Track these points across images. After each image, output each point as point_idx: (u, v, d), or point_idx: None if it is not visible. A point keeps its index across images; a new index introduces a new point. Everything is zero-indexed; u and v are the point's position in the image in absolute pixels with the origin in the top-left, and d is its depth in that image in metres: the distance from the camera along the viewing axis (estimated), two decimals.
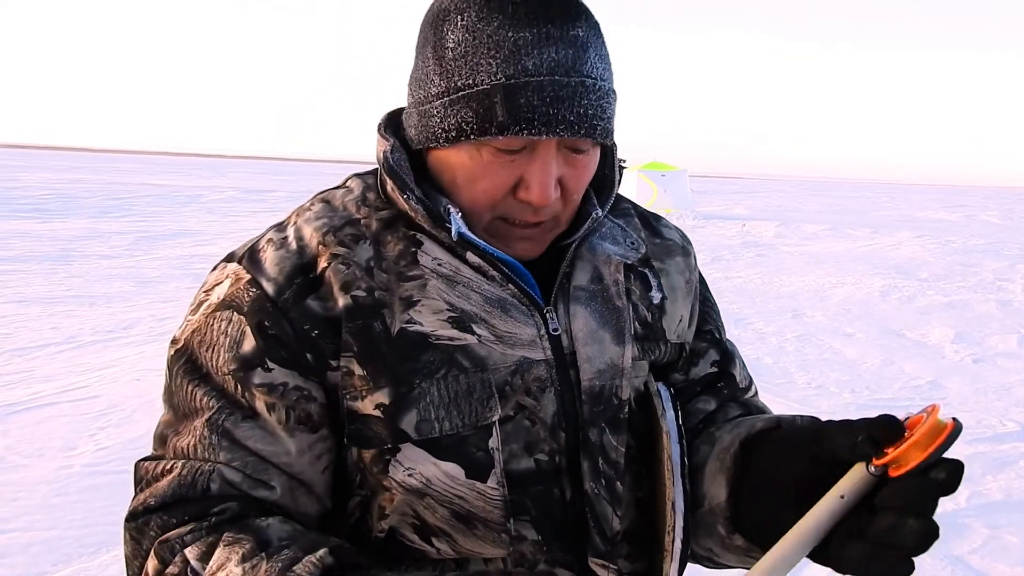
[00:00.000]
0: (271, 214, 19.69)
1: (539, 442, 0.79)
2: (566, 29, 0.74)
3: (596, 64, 0.76)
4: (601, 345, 0.82)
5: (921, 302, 9.26)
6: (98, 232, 13.59)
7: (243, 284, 0.79)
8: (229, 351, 0.77)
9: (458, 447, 0.76)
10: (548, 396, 0.79)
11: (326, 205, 0.85)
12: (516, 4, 0.75)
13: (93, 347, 5.76)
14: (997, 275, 11.92)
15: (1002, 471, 3.93)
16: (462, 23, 0.75)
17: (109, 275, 9.13)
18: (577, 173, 0.79)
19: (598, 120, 0.75)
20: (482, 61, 0.74)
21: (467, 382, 0.77)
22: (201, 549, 0.70)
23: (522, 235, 0.81)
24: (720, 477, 0.77)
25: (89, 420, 4.18)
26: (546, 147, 0.75)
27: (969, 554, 3.09)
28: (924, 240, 17.83)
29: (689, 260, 0.97)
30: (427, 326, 0.77)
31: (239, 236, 13.98)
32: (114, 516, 3.11)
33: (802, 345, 6.68)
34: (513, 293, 0.80)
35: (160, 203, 21.60)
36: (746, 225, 20.59)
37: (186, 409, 0.78)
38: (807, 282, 10.52)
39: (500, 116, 0.73)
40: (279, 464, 0.77)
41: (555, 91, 0.72)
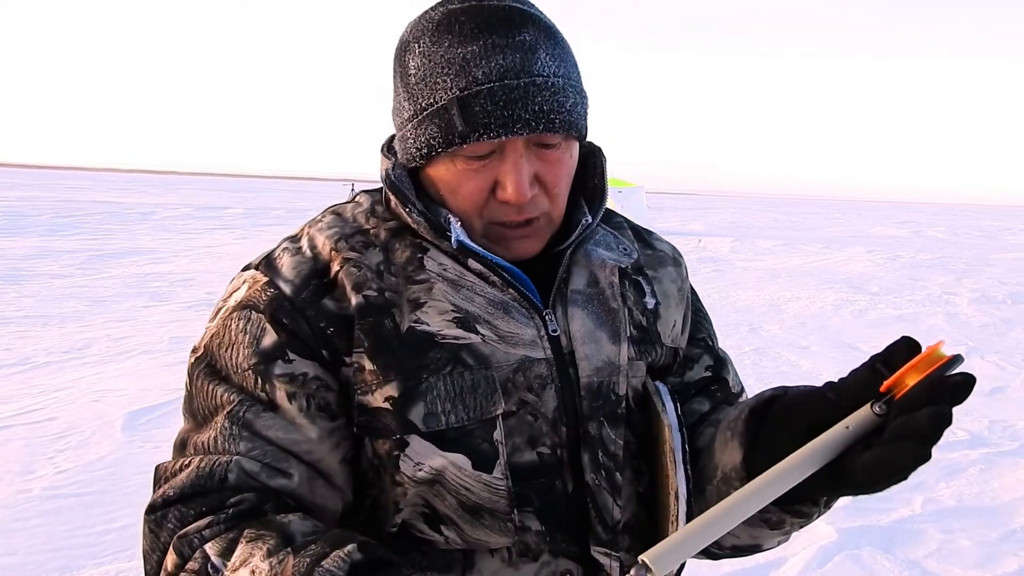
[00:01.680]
0: (228, 231, 19.44)
1: (541, 436, 0.82)
2: (511, 37, 0.80)
3: (547, 63, 0.81)
4: (598, 344, 0.86)
5: (873, 315, 9.51)
6: (49, 250, 13.28)
7: (260, 286, 0.83)
8: (249, 347, 0.81)
9: (464, 439, 0.79)
10: (549, 392, 0.83)
11: (337, 217, 0.89)
12: (462, 23, 0.80)
13: (48, 368, 5.63)
14: (944, 289, 12.29)
15: (954, 478, 4.06)
16: (419, 50, 0.82)
17: (62, 294, 8.93)
18: (551, 168, 0.83)
19: (555, 114, 0.79)
20: (439, 80, 0.80)
21: (472, 379, 0.80)
22: (222, 545, 0.71)
23: (517, 235, 0.84)
24: (732, 443, 0.79)
25: (47, 443, 4.08)
26: (512, 147, 0.80)
27: (925, 558, 3.19)
28: (874, 255, 18.30)
29: (680, 270, 1.01)
30: (433, 326, 0.81)
31: (196, 254, 13.78)
32: (76, 540, 3.06)
33: (759, 358, 6.81)
34: (514, 297, 0.84)
35: (112, 220, 21.19)
36: (702, 241, 20.91)
37: (207, 411, 0.81)
38: (762, 297, 10.72)
39: (459, 126, 0.78)
40: (298, 452, 0.79)
41: (506, 94, 0.78)
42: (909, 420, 0.61)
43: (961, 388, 0.61)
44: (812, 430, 0.67)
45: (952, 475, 4.10)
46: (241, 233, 19.03)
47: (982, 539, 3.36)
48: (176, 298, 8.99)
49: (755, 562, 3.09)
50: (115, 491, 3.51)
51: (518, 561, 0.82)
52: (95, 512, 3.30)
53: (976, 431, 4.90)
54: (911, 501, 3.73)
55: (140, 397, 4.89)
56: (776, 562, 3.10)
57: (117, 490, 3.53)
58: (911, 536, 3.37)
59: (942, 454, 4.41)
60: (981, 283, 13.27)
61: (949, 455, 4.40)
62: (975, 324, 9.09)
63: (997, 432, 4.91)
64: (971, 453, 4.44)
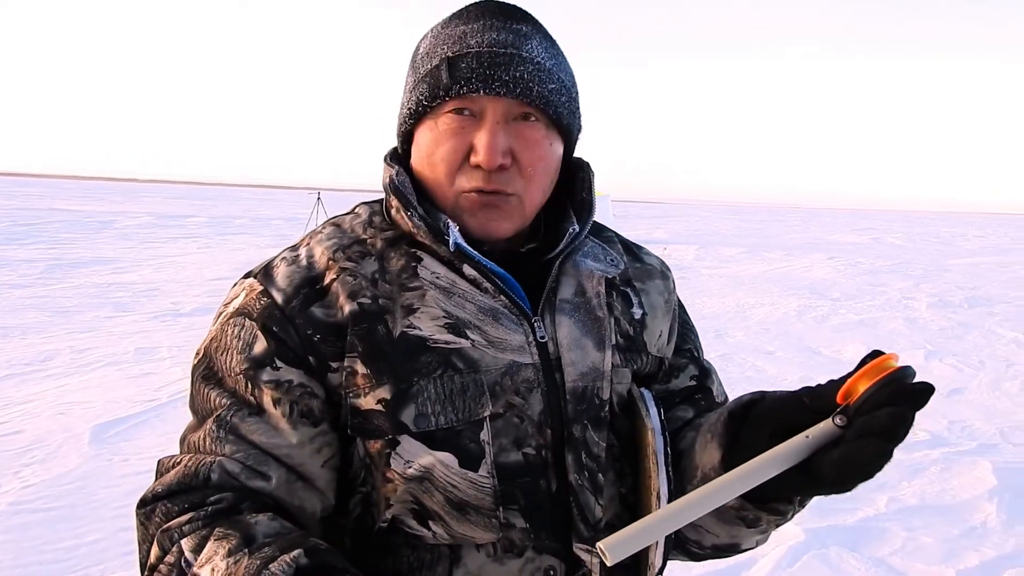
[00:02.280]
0: (191, 240, 19.19)
1: (527, 437, 0.86)
2: (509, 23, 0.89)
3: (537, 49, 0.88)
4: (584, 351, 0.89)
5: (835, 321, 9.70)
6: (6, 260, 12.99)
7: (256, 295, 0.88)
8: (241, 352, 0.85)
9: (452, 439, 0.83)
10: (535, 396, 0.86)
11: (336, 228, 0.94)
12: (469, 11, 0.91)
13: (10, 381, 5.52)
14: (903, 294, 12.58)
15: (916, 477, 4.18)
16: (431, 34, 0.92)
17: (22, 305, 8.74)
18: (527, 145, 0.87)
19: (535, 85, 0.85)
20: (438, 50, 0.88)
21: (461, 382, 0.84)
22: (195, 541, 0.76)
23: (486, 206, 0.87)
24: (712, 444, 0.82)
25: (12, 457, 4.01)
26: (492, 112, 0.85)
27: (890, 555, 3.27)
28: (835, 262, 18.65)
29: (668, 283, 1.05)
30: (425, 331, 0.85)
31: (159, 263, 13.59)
32: (44, 555, 3.02)
33: (725, 364, 6.92)
34: (504, 304, 0.88)
35: (72, 229, 20.79)
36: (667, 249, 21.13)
37: (203, 411, 0.86)
38: (727, 303, 10.88)
39: (445, 80, 0.85)
40: (279, 456, 0.83)
41: (492, 58, 0.85)
42: (871, 419, 0.65)
43: (922, 394, 0.66)
44: (788, 433, 0.71)
45: (914, 475, 4.21)
46: (205, 242, 18.79)
47: (944, 536, 3.46)
48: (140, 308, 8.86)
49: (726, 563, 3.15)
50: (83, 505, 3.46)
51: (503, 556, 0.85)
52: (63, 527, 3.25)
53: (936, 431, 5.04)
54: (875, 501, 3.82)
55: (107, 409, 4.82)
56: (746, 563, 3.16)
57: (85, 504, 3.47)
58: (876, 535, 3.46)
59: (905, 454, 4.53)
60: (939, 288, 13.61)
61: (911, 455, 4.52)
62: (933, 328, 9.32)
63: (956, 432, 5.05)
64: (932, 453, 4.57)
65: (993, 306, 11.35)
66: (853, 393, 0.68)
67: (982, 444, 4.79)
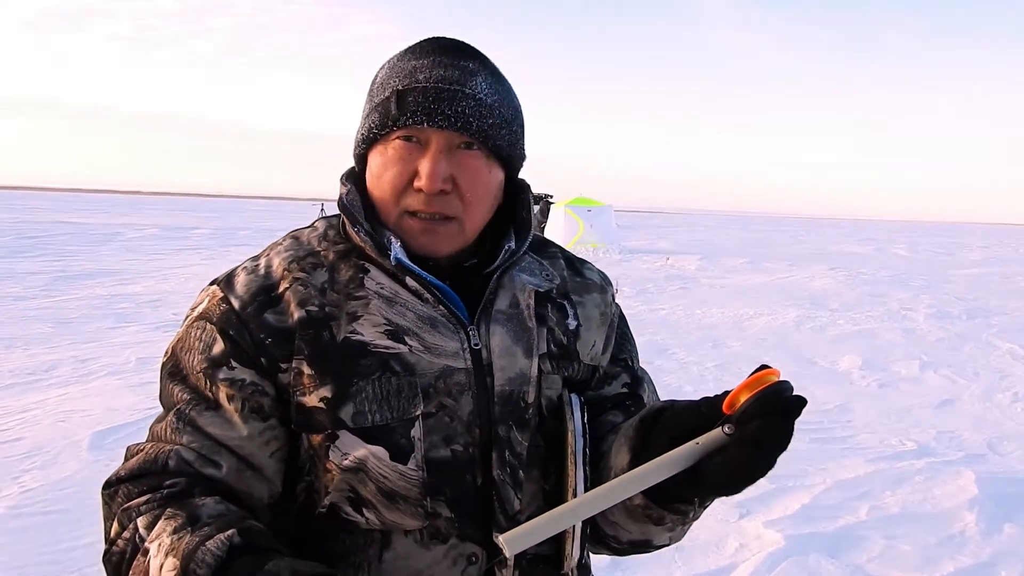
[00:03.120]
0: (196, 252, 19.34)
1: (456, 436, 0.94)
2: (457, 60, 0.97)
3: (482, 86, 0.96)
4: (513, 358, 0.98)
5: (832, 331, 9.76)
6: (12, 272, 13.14)
7: (216, 300, 0.97)
8: (202, 353, 0.94)
9: (386, 435, 0.91)
10: (466, 398, 0.95)
11: (294, 240, 1.03)
12: (422, 47, 0.99)
13: (13, 389, 5.63)
14: (902, 305, 12.61)
15: (900, 486, 4.23)
16: (387, 66, 1.00)
17: (26, 316, 8.87)
18: (467, 173, 0.95)
19: (474, 120, 0.93)
20: (390, 82, 0.96)
21: (397, 383, 0.92)
22: (149, 519, 0.84)
23: (426, 229, 0.96)
24: (624, 447, 0.89)
25: (12, 463, 4.11)
26: (435, 142, 0.94)
27: (867, 562, 3.33)
28: (836, 272, 18.68)
29: (606, 297, 1.12)
30: (367, 336, 0.93)
31: (163, 275, 13.71)
32: (42, 557, 3.10)
33: (721, 373, 6.98)
34: (443, 313, 0.96)
35: (76, 242, 20.97)
36: (670, 259, 21.19)
37: (167, 404, 0.95)
38: (727, 313, 10.94)
39: (393, 111, 0.94)
40: (231, 447, 0.92)
41: (437, 94, 0.93)
42: (745, 429, 0.74)
43: (792, 405, 0.73)
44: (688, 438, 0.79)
45: (898, 484, 4.27)
46: (209, 254, 18.94)
47: (923, 543, 3.52)
48: (143, 319, 8.97)
49: (706, 567, 3.23)
50: (81, 509, 3.55)
51: (429, 543, 0.93)
52: (61, 530, 3.34)
53: (923, 441, 5.10)
54: (857, 509, 3.89)
55: (107, 417, 4.92)
56: (726, 568, 3.23)
57: (83, 508, 3.56)
58: (855, 542, 3.52)
59: (889, 464, 4.60)
60: (939, 299, 13.63)
61: (896, 464, 4.58)
62: (930, 339, 9.37)
63: (944, 442, 5.11)
64: (917, 463, 4.62)
65: (992, 317, 11.38)
66: (735, 404, 0.76)
67: (969, 455, 4.85)
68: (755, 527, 3.63)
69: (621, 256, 21.34)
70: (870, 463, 4.60)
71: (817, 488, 4.15)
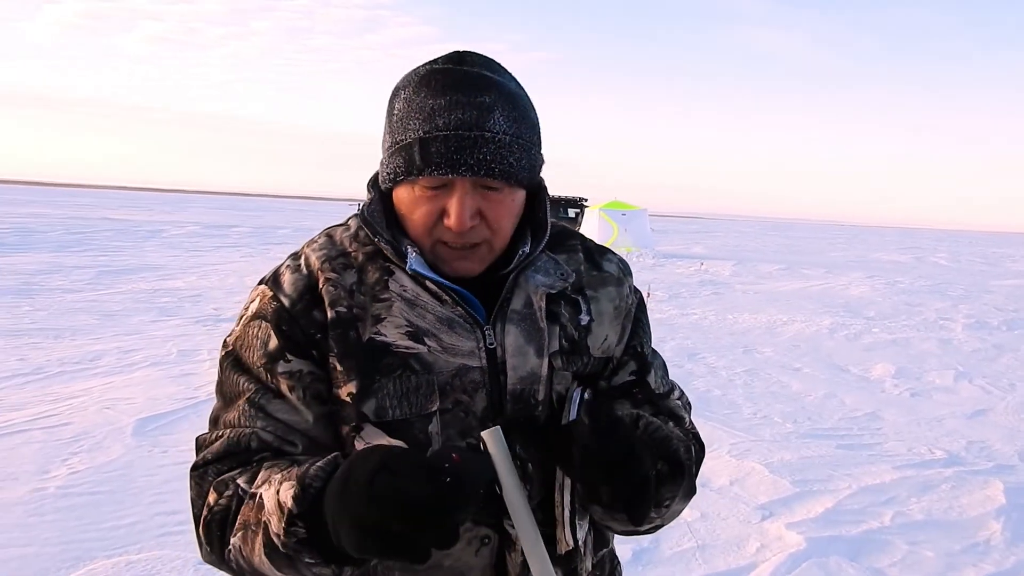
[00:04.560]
0: (235, 249, 19.71)
1: (471, 430, 1.01)
2: (473, 96, 0.98)
3: (500, 122, 0.98)
4: (525, 358, 1.04)
5: (866, 339, 9.67)
6: (59, 266, 13.54)
7: (267, 299, 1.05)
8: (260, 349, 1.02)
9: (405, 429, 0.99)
10: (480, 395, 1.02)
11: (328, 239, 1.10)
12: (437, 79, 0.99)
13: (60, 378, 5.85)
14: (940, 315, 12.44)
15: (926, 494, 4.23)
16: (403, 96, 1.01)
17: (73, 308, 9.16)
18: (493, 207, 1.01)
19: (496, 164, 0.97)
20: (410, 123, 0.98)
21: (416, 381, 1.00)
22: (247, 476, 0.94)
23: (458, 255, 1.03)
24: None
25: (61, 446, 4.30)
26: (460, 185, 0.98)
27: (889, 567, 3.35)
28: (874, 280, 18.45)
29: (622, 289, 1.16)
30: (389, 337, 1.01)
31: (203, 271, 14.03)
32: (88, 534, 3.26)
33: (750, 379, 6.98)
34: (460, 314, 1.03)
35: (121, 238, 21.49)
36: (704, 264, 21.09)
37: (232, 394, 1.04)
38: (759, 320, 10.89)
39: (418, 161, 0.97)
40: (301, 430, 1.01)
41: (458, 142, 0.96)
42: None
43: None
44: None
45: (924, 491, 4.27)
46: (248, 251, 19.29)
47: (946, 550, 3.53)
48: (184, 313, 9.22)
49: (727, 566, 3.28)
50: (124, 491, 3.72)
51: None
52: (106, 509, 3.51)
53: (953, 450, 5.08)
54: (881, 514, 3.90)
55: (149, 405, 5.11)
56: (746, 567, 3.28)
57: (126, 490, 3.73)
58: (878, 546, 3.54)
59: (916, 471, 4.59)
60: (977, 309, 13.43)
61: (923, 472, 4.57)
62: (966, 349, 9.25)
63: (974, 452, 5.08)
64: (945, 471, 4.61)
65: None
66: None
67: (998, 465, 4.82)
68: (777, 528, 3.67)
69: (655, 260, 21.29)
70: (897, 470, 4.59)
71: (842, 493, 4.17)
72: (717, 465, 4.48)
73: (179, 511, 3.49)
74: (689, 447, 1.05)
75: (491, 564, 1.04)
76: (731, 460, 4.61)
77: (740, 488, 4.20)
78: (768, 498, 4.06)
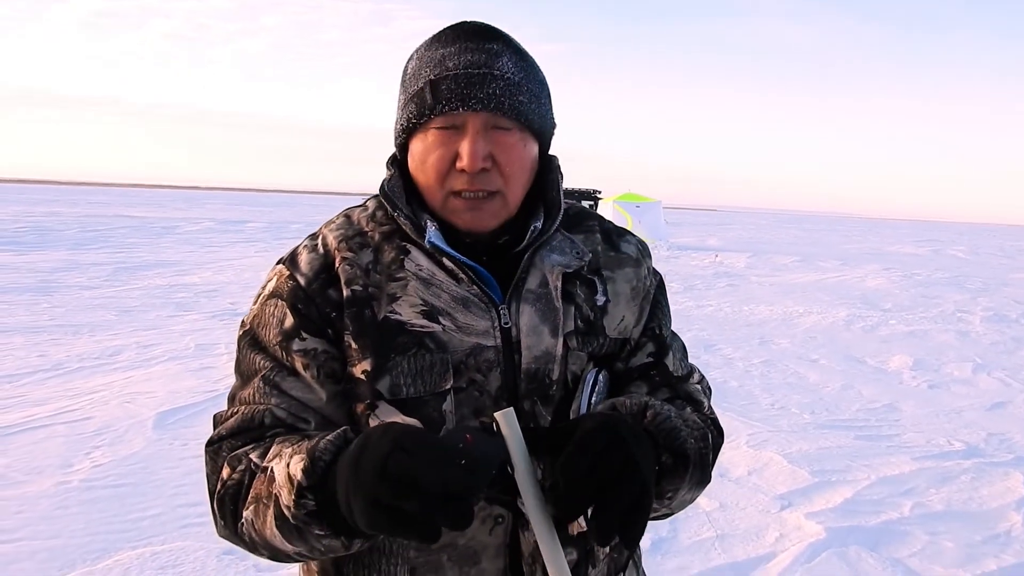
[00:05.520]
0: (250, 244, 19.81)
1: (485, 408, 1.01)
2: (482, 44, 1.02)
3: (508, 66, 1.02)
4: (540, 337, 1.04)
5: (883, 331, 9.62)
6: (76, 263, 13.66)
7: (284, 279, 1.05)
8: (276, 328, 1.03)
9: (420, 407, 1.00)
10: (494, 374, 1.02)
11: (346, 219, 1.11)
12: (447, 34, 1.04)
13: (80, 373, 5.91)
14: (958, 307, 12.35)
15: (945, 485, 4.21)
16: (416, 56, 1.06)
17: (91, 305, 9.25)
18: (505, 150, 1.01)
19: (506, 99, 1.00)
20: (422, 72, 1.02)
21: (430, 360, 1.00)
22: (260, 451, 0.95)
23: (471, 206, 1.02)
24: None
25: (83, 440, 4.35)
26: (472, 125, 0.99)
27: (908, 557, 3.35)
28: (891, 273, 18.32)
29: (640, 270, 1.16)
30: (404, 316, 1.01)
31: (219, 266, 14.12)
32: (113, 526, 3.30)
33: (767, 370, 6.97)
34: (475, 293, 1.03)
35: (136, 235, 21.64)
36: (719, 256, 21.01)
37: (248, 372, 1.05)
38: (775, 311, 10.86)
39: (429, 100, 1.00)
40: (314, 407, 1.01)
41: (468, 79, 0.99)
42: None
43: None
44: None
45: (944, 482, 4.25)
46: (263, 246, 19.39)
47: (966, 541, 3.51)
48: (200, 308, 9.29)
49: (746, 555, 3.28)
50: (147, 483, 3.77)
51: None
52: (130, 501, 3.55)
53: (972, 442, 5.05)
54: (900, 505, 3.89)
55: (169, 399, 5.16)
56: (766, 557, 3.28)
57: (149, 482, 3.78)
58: (897, 536, 3.53)
59: (935, 463, 4.57)
60: (996, 302, 13.31)
61: (943, 464, 4.55)
62: (985, 342, 9.18)
63: (994, 444, 5.05)
64: (964, 463, 4.59)
65: None
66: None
67: (1019, 456, 4.79)
68: (796, 518, 3.67)
69: (669, 252, 21.23)
70: (916, 461, 4.58)
71: (861, 483, 4.16)
72: (735, 455, 4.47)
73: (200, 503, 3.52)
74: (705, 435, 1.04)
75: (505, 543, 1.04)
76: (749, 450, 4.60)
77: (758, 478, 4.19)
78: (787, 488, 4.06)
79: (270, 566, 3.00)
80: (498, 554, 1.04)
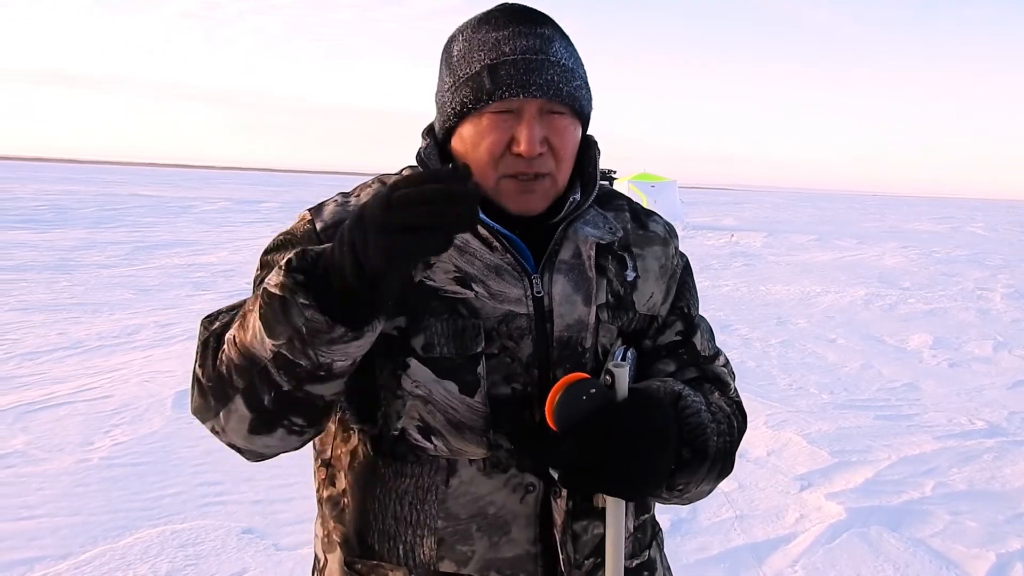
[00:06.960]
0: (265, 224, 19.87)
1: (516, 375, 1.02)
2: (534, 28, 1.03)
3: (560, 51, 1.03)
4: (573, 306, 1.05)
5: (903, 310, 9.54)
6: (95, 242, 13.77)
7: (305, 222, 1.07)
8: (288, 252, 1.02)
9: (455, 370, 1.00)
10: (526, 342, 1.02)
11: (381, 184, 1.12)
12: (496, 16, 1.04)
13: (100, 351, 5.96)
14: (978, 284, 12.23)
15: (967, 464, 4.17)
16: (463, 37, 1.05)
17: (109, 283, 9.32)
18: (559, 134, 1.02)
19: (563, 85, 1.01)
20: (475, 55, 1.02)
21: (463, 324, 1.00)
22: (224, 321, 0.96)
23: (524, 188, 1.03)
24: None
25: (103, 418, 4.38)
26: (529, 109, 1.00)
27: (930, 537, 3.32)
28: (908, 251, 18.16)
29: (668, 249, 1.17)
30: (438, 282, 1.01)
31: (235, 246, 14.17)
32: (134, 503, 3.33)
33: (785, 350, 6.92)
34: (509, 261, 1.03)
35: (153, 214, 21.77)
36: (735, 235, 20.88)
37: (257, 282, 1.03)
38: (792, 291, 10.78)
39: (488, 86, 0.99)
40: None
41: (526, 65, 0.99)
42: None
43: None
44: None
45: (965, 461, 4.21)
46: (279, 226, 19.29)
47: (988, 520, 3.48)
48: (218, 288, 9.33)
49: (766, 536, 3.26)
50: (166, 461, 3.79)
51: (491, 471, 1.02)
52: (149, 479, 3.58)
53: (994, 421, 5.00)
54: (922, 485, 3.85)
55: (188, 378, 5.15)
56: (787, 537, 3.26)
57: (168, 460, 3.80)
58: (919, 516, 3.50)
59: (957, 442, 4.53)
60: (1017, 279, 13.18)
61: (965, 443, 4.51)
62: (1006, 319, 9.10)
63: (1016, 423, 4.99)
64: (987, 441, 4.54)
65: None
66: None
67: None
68: (816, 499, 3.65)
69: (685, 232, 21.10)
70: (937, 440, 4.54)
71: (882, 463, 4.13)
72: (754, 436, 4.45)
73: (220, 482, 3.55)
74: (732, 425, 1.04)
75: (535, 512, 1.03)
76: (768, 431, 4.58)
77: (778, 459, 4.17)
78: (807, 468, 4.03)
79: (290, 544, 3.02)
80: (528, 523, 1.03)
